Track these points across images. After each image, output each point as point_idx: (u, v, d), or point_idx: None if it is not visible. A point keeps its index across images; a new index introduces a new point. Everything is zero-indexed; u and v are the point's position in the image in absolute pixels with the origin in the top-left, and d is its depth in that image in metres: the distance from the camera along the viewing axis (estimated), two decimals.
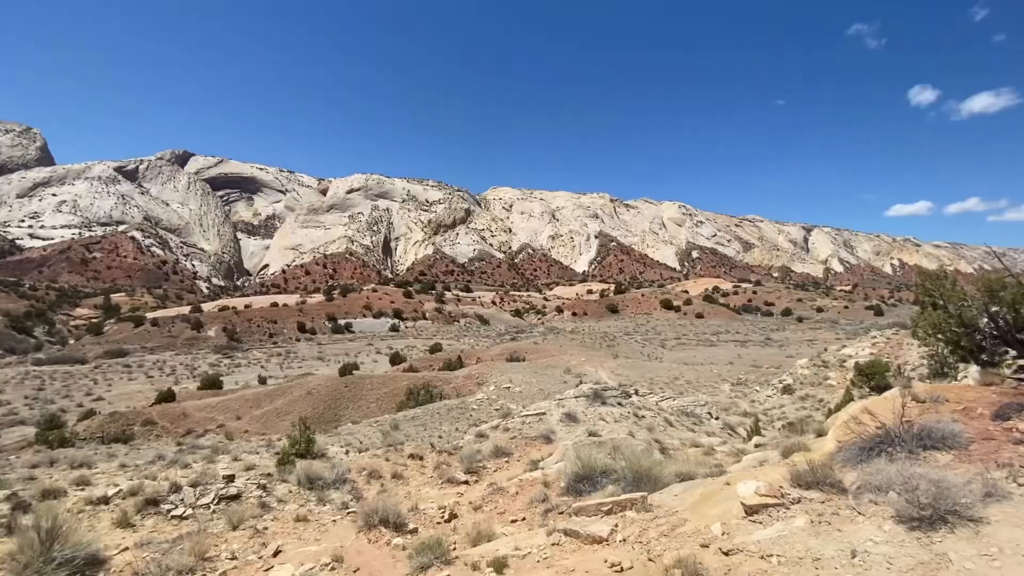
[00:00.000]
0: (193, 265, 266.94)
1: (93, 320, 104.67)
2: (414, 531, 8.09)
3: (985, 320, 9.62)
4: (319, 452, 13.72)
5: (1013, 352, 9.88)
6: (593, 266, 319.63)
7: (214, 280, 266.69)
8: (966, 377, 12.04)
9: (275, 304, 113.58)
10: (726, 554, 4.50)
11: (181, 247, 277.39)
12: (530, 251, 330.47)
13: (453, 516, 9.22)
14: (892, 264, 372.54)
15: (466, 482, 12.06)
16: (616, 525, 5.79)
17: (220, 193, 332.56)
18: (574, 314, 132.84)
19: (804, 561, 4.16)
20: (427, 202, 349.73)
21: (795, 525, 4.65)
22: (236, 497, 10.03)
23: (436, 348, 69.55)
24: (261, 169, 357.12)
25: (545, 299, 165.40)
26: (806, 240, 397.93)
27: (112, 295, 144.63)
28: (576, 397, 20.96)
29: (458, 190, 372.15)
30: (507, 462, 13.91)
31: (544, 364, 47.13)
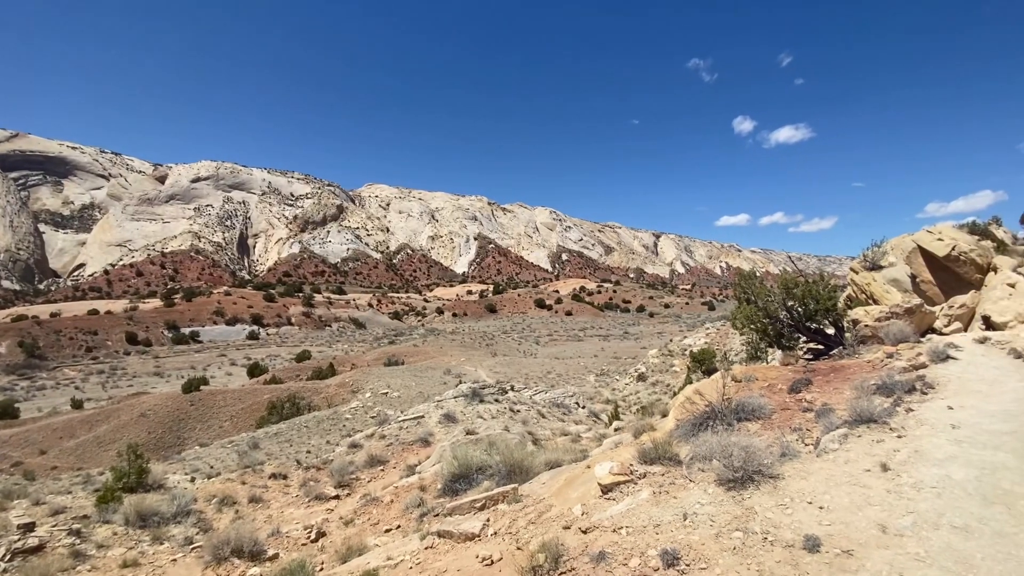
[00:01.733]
0: None
1: None
2: (274, 558, 7.44)
3: (784, 312, 11.86)
4: (155, 483, 11.87)
5: (804, 337, 12.34)
6: (473, 267, 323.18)
7: (5, 283, 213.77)
8: (774, 359, 14.68)
9: (95, 312, 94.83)
10: (584, 532, 4.91)
11: None
12: (409, 251, 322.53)
13: (321, 535, 8.66)
14: (721, 266, 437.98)
15: (337, 497, 11.40)
16: (488, 519, 5.96)
17: (15, 175, 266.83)
18: (455, 315, 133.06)
19: (647, 529, 4.73)
20: (292, 196, 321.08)
21: (641, 498, 5.26)
22: (38, 549, 8.24)
23: (304, 356, 64.27)
24: (74, 148, 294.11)
25: (425, 300, 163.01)
26: (655, 245, 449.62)
27: None
28: (455, 397, 21.07)
29: (329, 185, 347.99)
30: (383, 470, 13.47)
31: (424, 366, 46.45)
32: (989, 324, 10.53)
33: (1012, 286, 10.99)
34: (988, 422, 5.67)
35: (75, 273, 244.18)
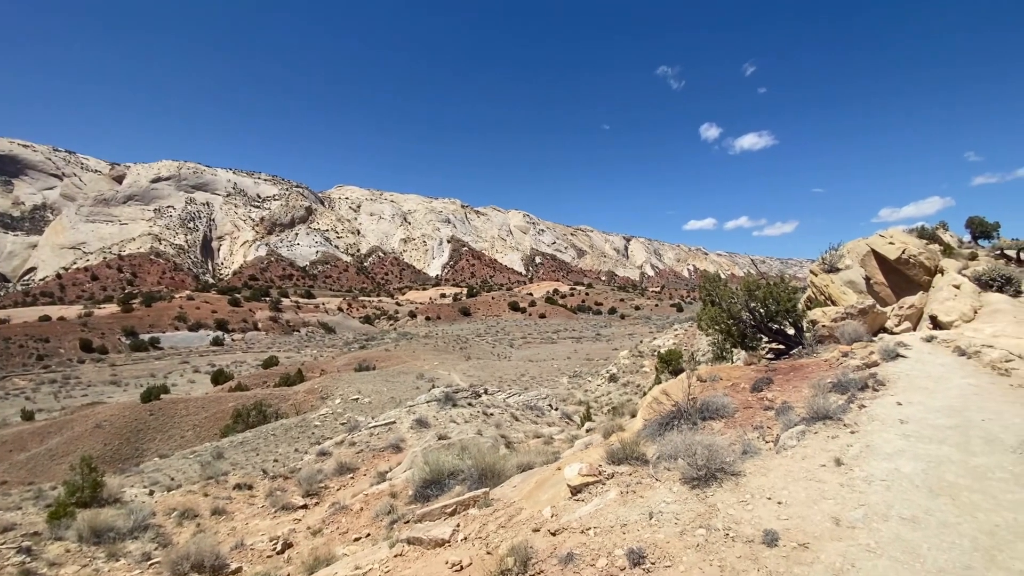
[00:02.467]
0: None
1: None
2: (237, 571, 7.21)
3: (746, 313, 12.23)
4: (111, 497, 11.35)
5: (766, 338, 12.75)
6: (446, 270, 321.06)
7: None
8: (738, 359, 15.12)
9: (47, 318, 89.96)
10: (554, 534, 4.95)
11: None
12: (381, 254, 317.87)
13: (288, 546, 8.44)
14: (688, 269, 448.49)
15: (305, 506, 11.13)
16: (459, 525, 5.93)
17: None
18: (428, 318, 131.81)
19: (614, 529, 4.80)
20: (259, 197, 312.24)
21: (609, 498, 5.33)
22: None
23: (271, 362, 62.54)
24: (26, 146, 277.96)
25: (398, 304, 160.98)
26: (626, 248, 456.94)
27: None
28: (428, 402, 20.88)
29: (297, 186, 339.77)
30: (352, 478, 13.23)
31: (396, 371, 45.83)
32: (936, 323, 11.13)
33: (957, 287, 11.65)
34: (934, 417, 5.99)
35: (26, 277, 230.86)
